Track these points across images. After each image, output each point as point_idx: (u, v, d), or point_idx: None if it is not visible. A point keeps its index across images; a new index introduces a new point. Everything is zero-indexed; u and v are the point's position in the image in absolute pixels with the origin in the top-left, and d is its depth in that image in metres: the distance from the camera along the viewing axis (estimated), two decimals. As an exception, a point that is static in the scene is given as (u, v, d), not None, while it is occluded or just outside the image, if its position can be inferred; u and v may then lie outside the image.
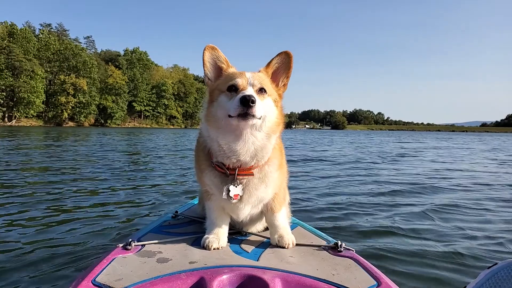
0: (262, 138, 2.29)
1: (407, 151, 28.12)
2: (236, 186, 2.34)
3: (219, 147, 2.32)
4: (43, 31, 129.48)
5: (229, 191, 2.33)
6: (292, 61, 2.45)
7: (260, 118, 2.22)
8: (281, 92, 2.49)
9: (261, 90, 2.27)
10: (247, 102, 2.05)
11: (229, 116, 2.18)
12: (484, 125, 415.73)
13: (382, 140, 51.13)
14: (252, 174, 2.36)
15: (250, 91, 2.17)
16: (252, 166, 2.34)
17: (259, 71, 2.43)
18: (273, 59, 2.45)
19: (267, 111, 2.27)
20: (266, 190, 2.44)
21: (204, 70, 2.44)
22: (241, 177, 2.35)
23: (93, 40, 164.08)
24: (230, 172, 2.33)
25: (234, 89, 2.25)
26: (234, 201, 2.37)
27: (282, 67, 2.47)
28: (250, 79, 2.27)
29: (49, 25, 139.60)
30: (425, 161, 19.98)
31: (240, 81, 2.25)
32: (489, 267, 2.00)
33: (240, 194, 2.36)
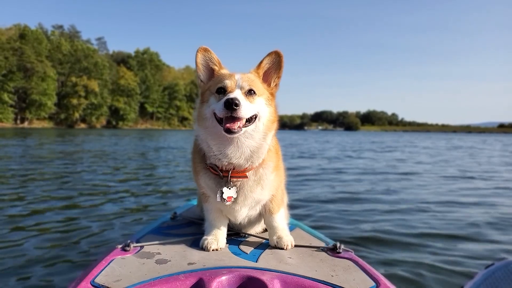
0: (259, 138, 2.29)
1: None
2: (229, 188, 2.34)
3: (208, 148, 2.33)
4: (54, 32, 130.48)
5: (222, 193, 2.33)
6: (283, 60, 2.41)
7: (251, 121, 2.23)
8: (274, 92, 2.47)
9: (250, 92, 2.25)
10: (230, 105, 2.04)
11: (216, 119, 2.20)
12: (501, 125, 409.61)
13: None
14: (246, 177, 2.35)
15: (236, 94, 2.16)
16: (246, 168, 2.33)
17: (250, 72, 2.42)
18: (263, 59, 2.43)
19: (260, 110, 2.27)
20: (262, 192, 2.44)
21: (196, 72, 2.45)
22: (235, 179, 2.35)
23: (105, 42, 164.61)
24: (223, 174, 2.33)
25: (222, 91, 2.25)
26: (228, 203, 2.37)
27: (273, 67, 2.44)
28: (239, 81, 2.26)
29: (61, 26, 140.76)
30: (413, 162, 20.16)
31: (228, 83, 2.25)
32: (486, 267, 1.99)
33: (234, 196, 2.35)
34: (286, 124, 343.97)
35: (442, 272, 4.48)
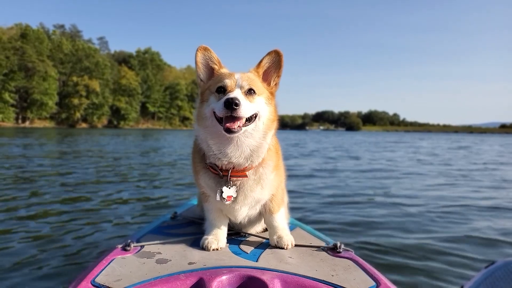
0: (259, 138, 2.29)
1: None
2: (229, 188, 2.33)
3: (208, 148, 2.32)
4: (55, 32, 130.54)
5: (222, 192, 2.32)
6: (283, 59, 2.41)
7: (251, 120, 2.22)
8: (273, 91, 2.46)
9: (250, 91, 2.25)
10: (230, 105, 2.04)
11: (216, 118, 2.20)
12: (503, 126, 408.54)
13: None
14: (246, 176, 2.35)
15: (236, 93, 2.16)
16: (246, 167, 2.33)
17: (249, 71, 2.41)
18: (263, 58, 2.43)
19: (260, 110, 2.27)
20: (262, 192, 2.44)
21: (196, 71, 2.44)
22: (235, 178, 2.34)
23: (106, 41, 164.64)
24: (223, 173, 2.33)
25: (222, 90, 2.25)
26: (227, 202, 2.36)
27: (272, 66, 2.44)
28: (239, 80, 2.25)
29: (62, 26, 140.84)
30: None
31: (228, 82, 2.25)
32: (486, 266, 2.00)
33: (234, 196, 2.35)
34: (287, 124, 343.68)
35: (442, 272, 4.48)
